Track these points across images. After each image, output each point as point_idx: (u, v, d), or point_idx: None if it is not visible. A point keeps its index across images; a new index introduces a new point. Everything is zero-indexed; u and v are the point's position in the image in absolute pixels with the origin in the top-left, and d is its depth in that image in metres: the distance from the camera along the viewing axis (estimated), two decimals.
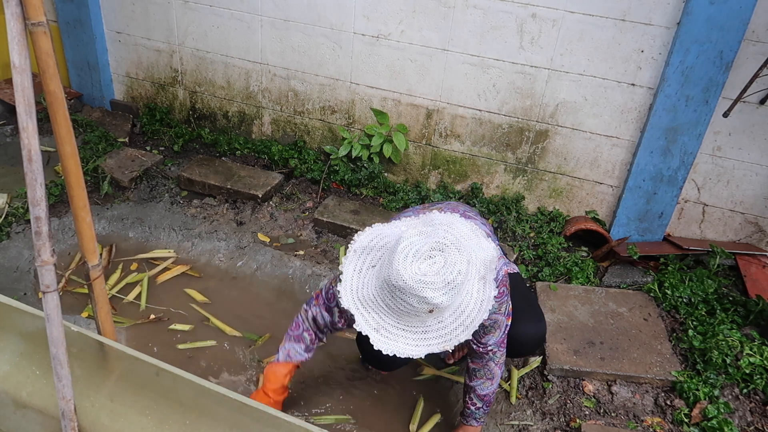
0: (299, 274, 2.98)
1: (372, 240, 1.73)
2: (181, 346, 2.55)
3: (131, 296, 2.78)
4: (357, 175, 3.54)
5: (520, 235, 3.25)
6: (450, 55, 3.17)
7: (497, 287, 1.79)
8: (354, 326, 1.67)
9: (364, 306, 1.66)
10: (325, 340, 2.13)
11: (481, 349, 1.98)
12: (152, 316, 2.69)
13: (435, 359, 2.59)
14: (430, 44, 3.18)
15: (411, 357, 1.65)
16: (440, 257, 1.56)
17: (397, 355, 1.63)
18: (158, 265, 2.99)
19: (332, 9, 3.28)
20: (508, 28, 3.00)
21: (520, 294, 2.16)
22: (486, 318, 1.70)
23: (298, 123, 3.74)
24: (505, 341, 2.00)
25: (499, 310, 1.90)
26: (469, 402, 2.11)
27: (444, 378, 2.51)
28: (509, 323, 1.98)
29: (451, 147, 3.44)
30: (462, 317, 1.64)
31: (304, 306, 2.09)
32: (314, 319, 2.05)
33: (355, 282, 1.69)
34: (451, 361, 2.56)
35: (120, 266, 2.95)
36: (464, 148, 3.42)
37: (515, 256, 3.11)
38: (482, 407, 2.10)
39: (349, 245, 1.75)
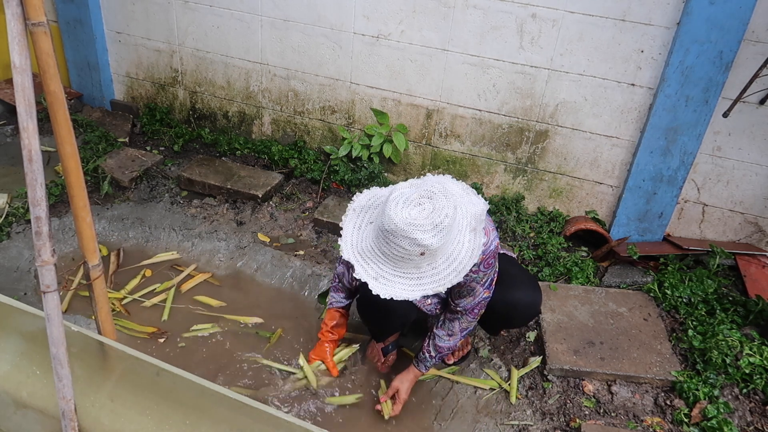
0: (299, 274, 2.98)
1: (370, 199, 1.91)
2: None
3: (153, 300, 2.78)
4: (357, 175, 3.54)
5: (520, 235, 3.25)
6: (450, 55, 3.17)
7: (486, 258, 1.94)
8: (354, 275, 1.81)
9: (363, 258, 1.81)
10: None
11: (452, 306, 2.15)
12: (159, 336, 2.66)
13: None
14: (430, 44, 3.18)
15: (407, 299, 1.78)
16: (429, 203, 1.72)
17: (394, 298, 1.77)
18: (181, 271, 2.97)
19: (332, 9, 3.28)
20: (508, 28, 3.00)
21: (516, 266, 2.35)
22: (467, 277, 1.89)
23: (298, 123, 3.74)
24: (478, 311, 2.14)
25: (482, 280, 2.02)
26: (425, 347, 2.26)
27: (444, 378, 2.51)
28: (486, 296, 2.11)
29: (451, 147, 3.44)
30: (454, 264, 1.78)
31: (336, 264, 2.38)
32: (340, 277, 2.36)
33: (355, 237, 1.85)
34: (451, 362, 2.56)
35: (142, 272, 2.93)
36: (464, 148, 3.42)
37: (515, 256, 3.11)
38: (434, 357, 2.25)
39: (348, 205, 1.92)
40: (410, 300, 2.24)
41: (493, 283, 2.10)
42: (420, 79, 3.30)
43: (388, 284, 1.78)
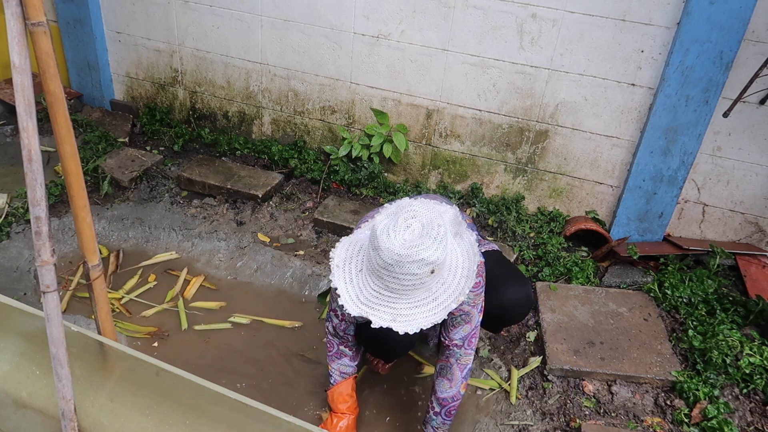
0: (299, 274, 2.98)
1: (347, 249, 1.80)
2: (198, 327, 2.55)
3: (162, 306, 2.78)
4: (357, 175, 3.54)
5: (520, 235, 3.25)
6: (450, 55, 3.17)
7: (475, 276, 1.83)
8: (372, 326, 1.70)
9: (371, 307, 1.70)
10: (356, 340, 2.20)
11: (446, 342, 1.99)
12: (159, 336, 2.68)
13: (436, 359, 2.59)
14: (430, 44, 3.18)
15: (436, 323, 1.68)
16: (415, 222, 1.66)
17: (413, 332, 1.66)
18: (174, 274, 2.97)
19: (332, 9, 3.28)
20: (508, 28, 3.00)
21: (499, 263, 2.22)
22: (461, 304, 1.82)
23: (298, 123, 3.74)
24: (474, 342, 2.00)
25: (474, 302, 1.92)
26: (430, 405, 2.08)
27: None
28: (479, 319, 1.98)
29: (451, 147, 3.44)
30: (459, 271, 1.73)
31: (326, 325, 2.18)
32: (335, 332, 2.13)
33: (352, 291, 1.74)
34: None
35: (139, 272, 2.94)
36: (464, 148, 3.41)
37: (515, 256, 3.11)
38: (441, 414, 2.05)
39: (330, 264, 1.81)
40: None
41: (483, 304, 2.01)
42: (420, 79, 3.30)
43: (409, 319, 1.68)
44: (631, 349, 2.56)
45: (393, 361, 2.47)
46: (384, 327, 1.68)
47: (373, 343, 2.15)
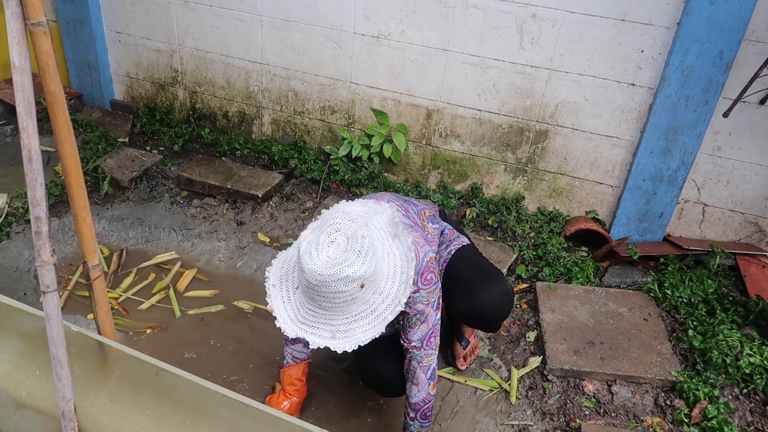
0: None
1: (282, 267, 1.77)
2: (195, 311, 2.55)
3: (152, 300, 2.78)
4: (357, 175, 3.54)
5: (520, 235, 3.25)
6: (450, 55, 3.17)
7: (422, 274, 1.79)
8: (311, 346, 1.68)
9: (309, 325, 1.67)
10: None
11: (405, 345, 1.92)
12: (149, 327, 2.69)
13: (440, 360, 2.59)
14: (430, 44, 3.18)
15: (375, 337, 1.64)
16: (340, 236, 1.60)
17: (361, 345, 1.64)
18: (168, 269, 2.98)
19: (332, 9, 3.28)
20: (508, 28, 3.00)
21: (470, 263, 2.14)
22: (409, 299, 1.77)
23: (298, 123, 3.74)
24: (434, 342, 1.91)
25: (427, 300, 1.84)
26: (405, 411, 2.02)
27: (444, 378, 2.51)
28: (438, 318, 1.90)
29: (451, 147, 3.44)
30: (398, 277, 1.68)
31: None
32: None
33: (290, 310, 1.71)
34: (464, 367, 2.54)
35: (134, 270, 2.94)
36: (464, 148, 3.42)
37: (515, 256, 3.11)
38: (417, 419, 1.98)
39: (265, 283, 1.76)
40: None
41: (440, 302, 1.93)
42: (420, 79, 3.30)
43: (348, 335, 1.64)
44: (631, 349, 2.56)
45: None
46: (324, 347, 1.65)
47: (376, 385, 2.13)
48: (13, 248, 2.93)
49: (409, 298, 1.82)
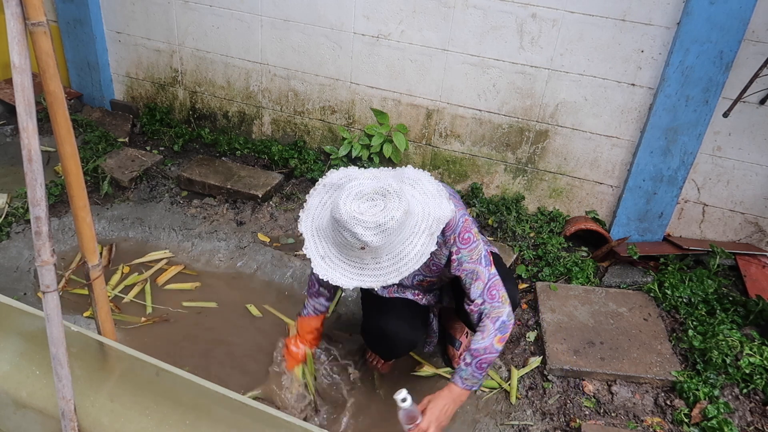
0: (299, 274, 2.98)
1: (341, 179, 1.85)
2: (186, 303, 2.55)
3: (130, 296, 2.78)
4: None
5: (520, 235, 3.25)
6: (450, 55, 3.17)
7: (459, 234, 1.89)
8: (302, 250, 1.80)
9: (318, 235, 1.80)
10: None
11: (471, 308, 2.00)
12: (156, 318, 2.69)
13: (440, 359, 2.59)
14: (430, 44, 3.18)
15: (343, 287, 1.77)
16: (381, 201, 1.69)
17: (331, 283, 1.76)
18: (154, 266, 2.99)
19: (332, 9, 3.28)
20: (508, 28, 3.00)
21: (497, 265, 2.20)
22: (454, 262, 1.90)
23: (298, 123, 3.74)
24: (497, 294, 1.97)
25: (471, 258, 1.93)
26: (461, 358, 2.00)
27: (444, 378, 2.51)
28: (494, 272, 1.98)
29: (451, 147, 3.44)
30: (399, 264, 1.74)
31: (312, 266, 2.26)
32: (318, 278, 2.24)
33: (318, 212, 1.83)
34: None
35: (120, 267, 2.95)
36: (464, 148, 3.42)
37: (515, 256, 3.11)
38: (472, 365, 1.94)
39: (320, 179, 1.88)
40: (414, 321, 2.22)
41: (490, 259, 2.01)
42: (420, 79, 3.30)
43: (331, 266, 1.76)
44: (631, 349, 2.56)
45: (392, 360, 2.47)
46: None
47: (376, 336, 2.21)
48: (13, 248, 2.93)
49: (455, 261, 1.93)
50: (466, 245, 1.91)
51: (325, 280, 1.76)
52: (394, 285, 2.21)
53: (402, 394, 1.84)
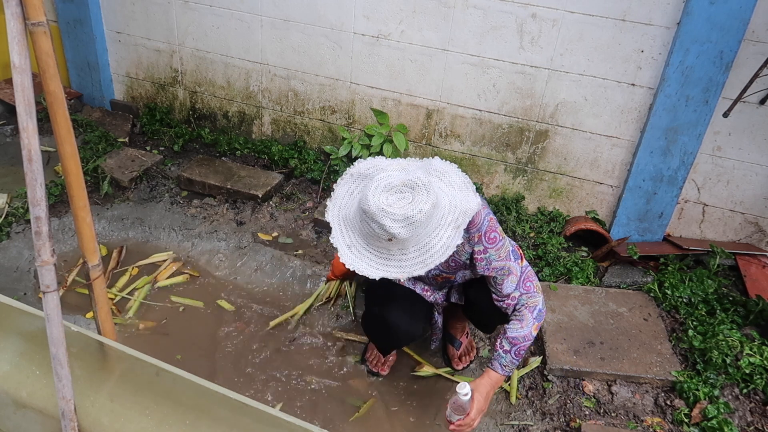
0: (299, 274, 2.98)
1: (369, 168, 1.85)
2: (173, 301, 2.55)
3: (135, 302, 2.78)
4: None
5: (520, 235, 3.25)
6: (450, 55, 3.17)
7: (485, 233, 1.91)
8: (330, 239, 1.81)
9: (345, 224, 1.80)
10: None
11: (505, 302, 2.04)
12: (151, 323, 2.69)
13: (440, 359, 2.59)
14: (430, 44, 3.18)
15: (369, 276, 1.75)
16: (409, 194, 1.70)
17: (357, 273, 1.75)
18: (160, 267, 2.99)
19: (332, 9, 3.28)
20: (508, 28, 3.00)
21: None
22: (490, 264, 1.93)
23: (298, 123, 3.74)
24: (530, 285, 2.05)
25: (499, 256, 1.96)
26: (498, 344, 2.06)
27: (443, 378, 2.51)
28: (525, 265, 2.05)
29: (451, 147, 3.44)
30: (425, 255, 1.74)
31: None
32: None
33: (345, 201, 1.83)
34: (460, 367, 2.54)
35: (129, 269, 2.94)
36: (464, 148, 3.42)
37: None
38: (511, 352, 2.02)
39: (347, 169, 1.88)
40: (416, 313, 2.24)
41: (519, 252, 2.07)
42: (420, 79, 3.30)
43: (358, 256, 1.77)
44: (631, 349, 2.56)
45: (391, 353, 2.47)
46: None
47: (375, 325, 2.24)
48: (13, 248, 2.93)
49: (483, 261, 1.94)
50: (492, 244, 1.94)
51: (351, 269, 1.77)
52: None
53: (466, 388, 1.89)
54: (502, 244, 1.96)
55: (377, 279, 1.76)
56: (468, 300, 2.27)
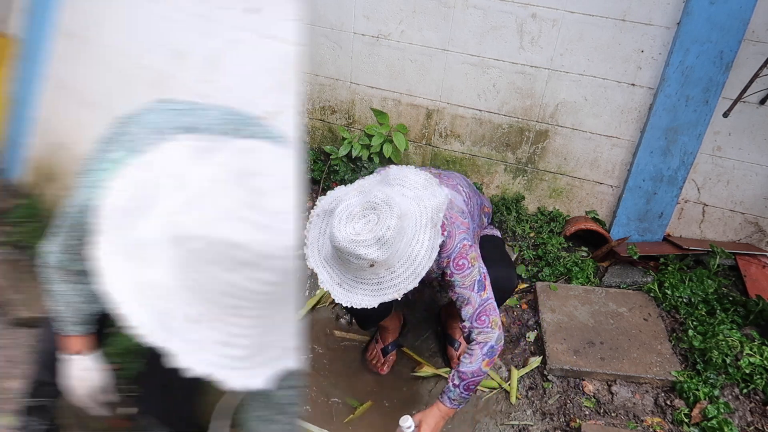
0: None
1: (330, 203, 1.86)
2: None
3: None
4: (357, 175, 3.54)
5: (520, 235, 3.25)
6: (450, 55, 3.17)
7: (454, 259, 1.91)
8: (319, 284, 1.82)
9: (328, 264, 1.82)
10: None
11: (463, 325, 2.02)
12: None
13: (440, 359, 2.59)
14: (430, 44, 3.18)
15: (367, 306, 1.77)
16: (373, 215, 1.69)
17: (356, 308, 1.77)
18: None
19: (332, 9, 3.28)
20: (508, 28, 3.00)
21: (493, 246, 2.28)
22: (454, 287, 1.92)
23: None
24: (486, 320, 1.97)
25: (463, 284, 1.94)
26: (450, 376, 2.04)
27: (443, 378, 2.51)
28: (486, 298, 1.97)
29: (451, 147, 3.44)
30: (413, 266, 1.74)
31: None
32: None
33: (321, 243, 1.85)
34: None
35: None
36: (464, 148, 3.42)
37: (515, 256, 3.12)
38: (459, 387, 1.98)
39: (311, 210, 1.88)
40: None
41: (485, 283, 1.99)
42: (420, 79, 3.30)
43: (350, 291, 1.77)
44: (631, 349, 2.56)
45: (391, 359, 2.46)
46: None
47: (354, 310, 2.21)
48: None
49: (448, 282, 1.96)
50: (459, 271, 1.93)
51: (348, 306, 1.76)
52: None
53: (408, 421, 1.90)
54: (470, 272, 1.94)
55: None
56: None
